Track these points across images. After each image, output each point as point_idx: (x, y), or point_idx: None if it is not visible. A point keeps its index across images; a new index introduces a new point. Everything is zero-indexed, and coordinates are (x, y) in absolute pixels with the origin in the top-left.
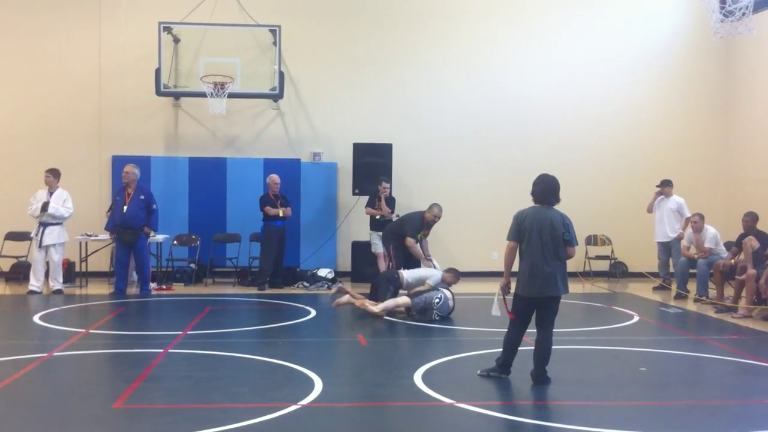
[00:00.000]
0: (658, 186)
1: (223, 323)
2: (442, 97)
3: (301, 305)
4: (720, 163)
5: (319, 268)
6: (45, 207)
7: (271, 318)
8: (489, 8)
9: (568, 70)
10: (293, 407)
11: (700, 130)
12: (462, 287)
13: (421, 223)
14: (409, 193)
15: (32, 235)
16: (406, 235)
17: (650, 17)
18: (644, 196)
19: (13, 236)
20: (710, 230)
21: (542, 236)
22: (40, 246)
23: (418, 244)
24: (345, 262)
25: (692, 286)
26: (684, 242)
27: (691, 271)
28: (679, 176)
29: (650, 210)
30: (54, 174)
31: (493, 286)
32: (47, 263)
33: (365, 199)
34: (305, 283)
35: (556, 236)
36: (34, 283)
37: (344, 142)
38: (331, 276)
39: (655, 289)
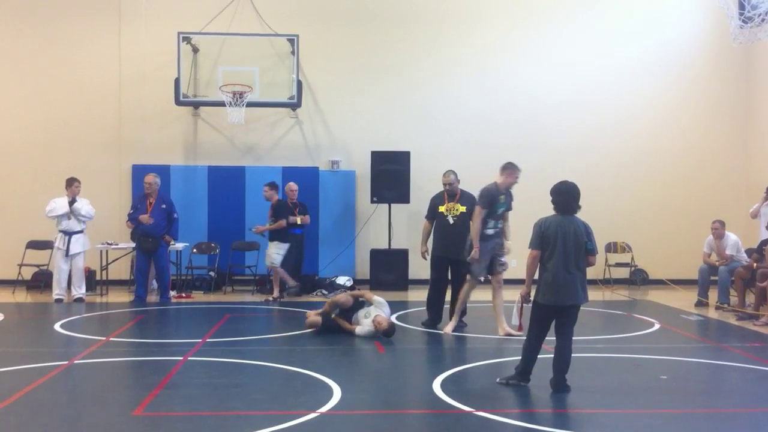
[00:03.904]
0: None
1: (241, 331)
2: (458, 102)
3: None
4: (740, 168)
5: (337, 276)
6: (72, 202)
7: (290, 326)
8: (504, 13)
9: (585, 75)
10: (312, 414)
11: (720, 135)
12: (480, 295)
13: (441, 196)
14: (426, 199)
15: (56, 244)
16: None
17: (668, 22)
18: (664, 202)
19: (34, 245)
20: (731, 237)
21: (566, 245)
22: (66, 255)
23: (450, 220)
24: (363, 270)
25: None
26: (705, 249)
27: (712, 278)
28: (698, 182)
29: (755, 215)
30: (78, 183)
31: (511, 294)
32: (69, 271)
33: (384, 206)
34: (324, 291)
35: (579, 244)
36: (60, 291)
37: (362, 150)
38: (349, 284)
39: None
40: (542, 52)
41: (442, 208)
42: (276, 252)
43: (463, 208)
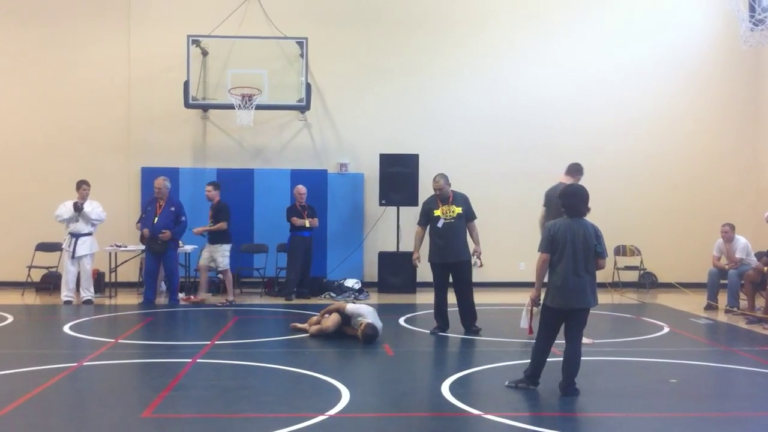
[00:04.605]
0: None
1: (250, 333)
2: (466, 105)
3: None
4: (749, 171)
5: (345, 279)
6: (77, 207)
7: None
8: (511, 15)
9: (593, 77)
10: (320, 417)
11: (730, 138)
12: (489, 298)
13: (434, 200)
14: None
15: (64, 246)
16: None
17: (676, 24)
18: (673, 205)
19: (43, 247)
20: (741, 240)
21: (575, 248)
22: (73, 257)
23: (440, 224)
24: (372, 273)
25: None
26: (714, 252)
27: (722, 281)
28: (708, 185)
29: None
30: (88, 185)
31: (520, 297)
32: (78, 273)
33: (392, 209)
34: (332, 294)
35: (589, 248)
36: (68, 293)
37: (371, 153)
38: (357, 286)
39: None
40: (550, 53)
41: (437, 212)
42: (222, 256)
43: (459, 209)
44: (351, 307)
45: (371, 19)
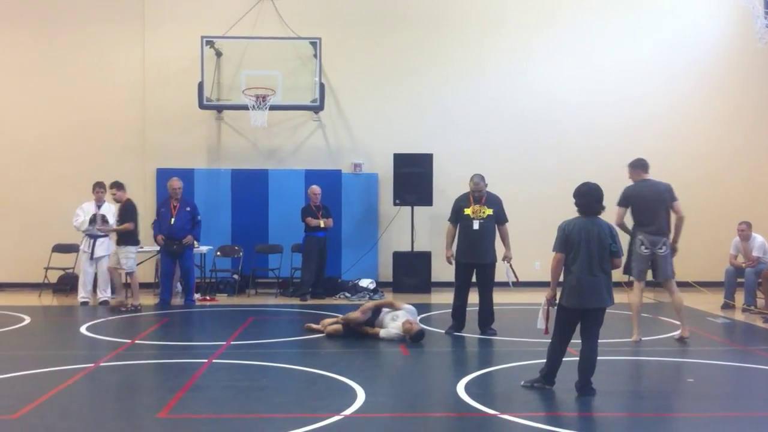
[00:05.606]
0: None
1: (265, 334)
2: (480, 105)
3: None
4: (765, 168)
5: (360, 279)
6: (94, 219)
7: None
8: (525, 15)
9: (606, 76)
10: (335, 417)
11: (745, 135)
12: (504, 297)
13: (466, 198)
14: (448, 201)
15: (81, 248)
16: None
17: (690, 22)
18: (688, 203)
19: (60, 248)
20: (758, 238)
21: (590, 247)
22: (91, 258)
23: (475, 226)
24: (386, 273)
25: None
26: (731, 251)
27: (739, 280)
28: (722, 183)
29: None
30: (104, 187)
31: (535, 297)
32: (95, 274)
33: (406, 209)
34: (347, 294)
35: (603, 247)
36: (85, 294)
37: (385, 153)
38: (372, 286)
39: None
40: (563, 53)
41: (467, 211)
42: (125, 257)
43: (489, 211)
44: (409, 306)
45: (385, 20)
